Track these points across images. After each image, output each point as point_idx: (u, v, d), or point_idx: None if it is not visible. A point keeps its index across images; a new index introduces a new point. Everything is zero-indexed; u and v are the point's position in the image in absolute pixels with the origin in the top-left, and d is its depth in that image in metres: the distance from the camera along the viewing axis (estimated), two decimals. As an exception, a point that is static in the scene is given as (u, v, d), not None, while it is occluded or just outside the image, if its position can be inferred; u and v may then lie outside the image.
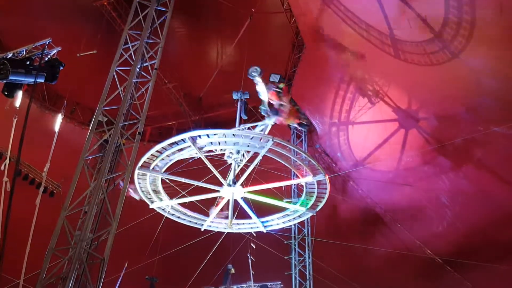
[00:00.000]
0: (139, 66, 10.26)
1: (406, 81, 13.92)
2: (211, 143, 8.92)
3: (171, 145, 8.96)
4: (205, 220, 10.68)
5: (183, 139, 8.66)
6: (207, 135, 8.66)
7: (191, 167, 9.98)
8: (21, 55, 7.75)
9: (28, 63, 7.57)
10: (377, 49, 13.08)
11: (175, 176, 9.68)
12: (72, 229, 8.58)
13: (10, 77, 7.25)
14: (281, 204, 10.42)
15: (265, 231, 11.07)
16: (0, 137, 11.49)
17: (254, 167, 9.35)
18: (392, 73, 14.07)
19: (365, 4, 12.57)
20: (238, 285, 16.03)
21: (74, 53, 13.92)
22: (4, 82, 7.52)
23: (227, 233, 13.14)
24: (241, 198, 9.92)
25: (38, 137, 12.46)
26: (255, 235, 13.95)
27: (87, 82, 15.88)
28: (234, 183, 9.41)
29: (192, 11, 16.66)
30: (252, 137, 8.88)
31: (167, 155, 9.28)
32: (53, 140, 11.22)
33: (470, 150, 13.38)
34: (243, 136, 8.88)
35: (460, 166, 14.02)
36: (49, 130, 14.10)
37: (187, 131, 8.86)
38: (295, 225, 15.38)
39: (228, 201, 9.95)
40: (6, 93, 7.80)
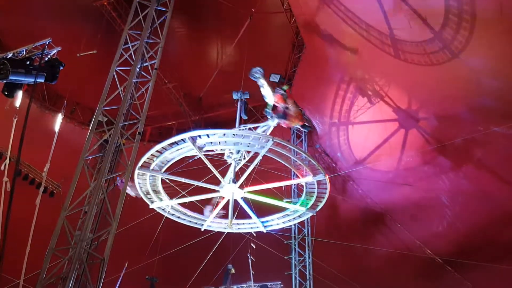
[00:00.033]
0: (139, 66, 10.25)
1: (406, 81, 13.91)
2: (211, 143, 8.93)
3: (171, 145, 8.98)
4: (205, 220, 10.69)
5: (183, 139, 8.68)
6: (207, 135, 8.68)
7: (191, 167, 9.98)
8: (21, 55, 7.74)
9: (28, 63, 7.56)
10: (377, 49, 13.08)
11: (175, 176, 9.69)
12: (72, 229, 8.58)
13: (10, 77, 7.24)
14: (281, 204, 10.43)
15: (265, 231, 11.08)
16: (0, 137, 11.49)
17: (254, 167, 9.36)
18: (392, 73, 14.06)
19: (365, 4, 12.57)
20: (238, 285, 16.02)
21: (74, 53, 13.91)
22: (4, 82, 7.51)
23: (227, 233, 13.15)
24: (241, 198, 9.93)
25: (38, 137, 12.45)
26: (255, 235, 13.95)
27: (87, 82, 15.88)
28: (234, 183, 9.42)
29: (192, 11, 16.65)
30: (252, 137, 8.91)
31: (166, 156, 9.31)
32: (53, 140, 11.21)
33: (470, 150, 13.37)
34: (243, 136, 8.89)
35: (460, 166, 14.01)
36: (49, 130, 14.09)
37: (187, 131, 8.87)
38: (295, 225, 15.38)
39: (223, 199, 9.97)
40: (6, 93, 7.79)
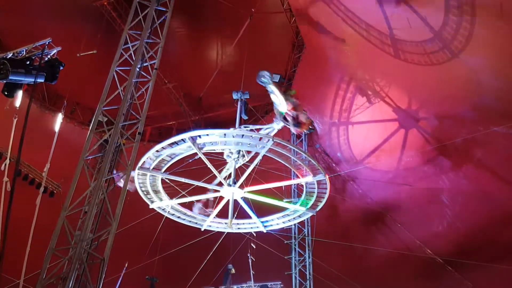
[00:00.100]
0: (139, 66, 10.24)
1: (406, 81, 13.91)
2: (211, 143, 8.94)
3: (171, 145, 8.99)
4: (205, 220, 10.70)
5: (183, 139, 8.68)
6: (207, 135, 8.69)
7: (191, 167, 9.98)
8: (21, 55, 7.74)
9: (28, 63, 7.56)
10: (377, 49, 13.08)
11: (175, 176, 9.69)
12: (72, 229, 8.56)
13: (10, 77, 7.24)
14: (281, 204, 10.43)
15: (265, 231, 11.09)
16: (0, 137, 11.48)
17: (254, 167, 9.37)
18: (392, 73, 14.06)
19: (365, 4, 12.58)
20: (238, 285, 16.01)
21: (74, 53, 13.91)
22: (4, 82, 7.51)
23: (227, 233, 13.14)
24: (241, 198, 9.94)
25: (38, 137, 12.44)
26: (255, 235, 13.94)
27: (87, 82, 15.88)
28: (234, 183, 9.43)
29: (192, 11, 16.65)
30: (252, 137, 8.91)
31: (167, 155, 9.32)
32: (53, 140, 11.20)
33: (470, 150, 13.37)
34: (244, 136, 8.89)
35: (460, 166, 14.01)
36: (49, 130, 14.09)
37: (187, 131, 8.87)
38: (295, 225, 15.37)
39: (215, 198, 9.97)
40: (6, 93, 7.79)
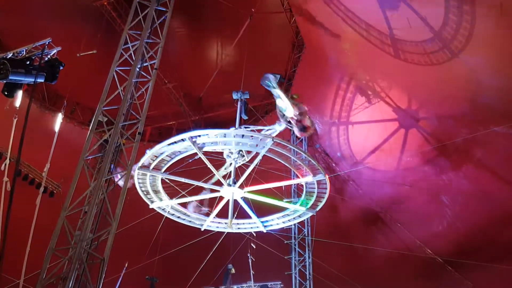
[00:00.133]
0: (139, 66, 10.24)
1: (406, 80, 13.91)
2: (211, 143, 8.93)
3: (171, 145, 8.97)
4: (205, 220, 10.69)
5: (183, 139, 8.68)
6: (207, 135, 8.68)
7: (191, 167, 9.97)
8: (21, 55, 7.74)
9: (28, 63, 7.56)
10: (377, 48, 13.08)
11: (175, 176, 9.68)
12: (72, 229, 8.57)
13: (10, 77, 7.24)
14: (281, 204, 10.42)
15: (265, 231, 11.07)
16: (0, 137, 11.48)
17: (254, 167, 9.36)
18: (392, 73, 14.06)
19: (365, 4, 12.57)
20: (238, 285, 16.00)
21: (74, 53, 13.91)
22: (4, 82, 7.51)
23: (227, 233, 13.13)
24: (241, 198, 9.93)
25: (38, 137, 12.44)
26: (255, 235, 13.94)
27: (87, 82, 15.86)
28: (234, 183, 9.41)
29: (192, 11, 16.65)
30: (252, 137, 8.90)
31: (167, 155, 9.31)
32: (53, 140, 11.20)
33: (470, 150, 13.37)
34: (244, 136, 8.89)
35: (460, 166, 14.01)
36: (49, 130, 14.08)
37: (187, 131, 8.86)
38: (295, 225, 15.37)
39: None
40: (6, 93, 7.79)
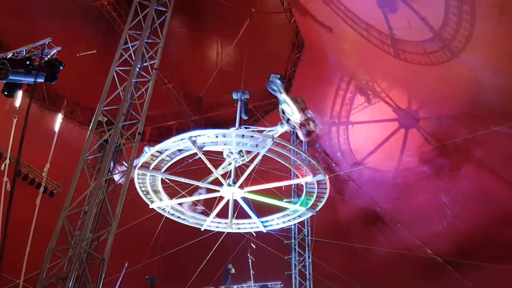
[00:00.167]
0: (139, 66, 10.23)
1: (406, 80, 13.91)
2: (211, 143, 8.93)
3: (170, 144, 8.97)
4: (205, 220, 10.69)
5: (182, 139, 8.68)
6: (207, 136, 8.69)
7: (191, 167, 9.97)
8: (21, 55, 7.74)
9: (28, 63, 7.56)
10: (377, 48, 13.08)
11: (175, 176, 9.68)
12: (72, 229, 8.56)
13: (10, 77, 7.23)
14: (281, 204, 10.42)
15: (265, 231, 11.07)
16: (0, 137, 11.48)
17: (254, 167, 9.36)
18: (392, 73, 14.06)
19: (365, 4, 12.57)
20: (238, 285, 16.01)
21: (74, 53, 13.90)
22: (4, 82, 7.51)
23: (227, 233, 13.13)
24: (241, 198, 9.93)
25: (38, 137, 12.44)
26: (255, 235, 13.94)
27: (87, 82, 15.86)
28: (234, 183, 9.41)
29: (192, 11, 16.64)
30: (252, 137, 8.91)
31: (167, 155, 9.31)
32: (53, 140, 11.20)
33: (470, 150, 13.37)
34: (244, 136, 8.89)
35: (460, 166, 14.01)
36: (49, 130, 14.08)
37: (187, 131, 8.87)
38: (295, 225, 15.36)
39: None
40: (6, 93, 7.78)
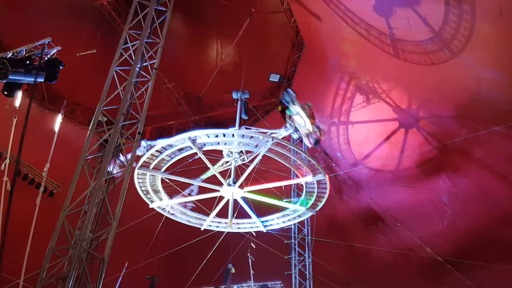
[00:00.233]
0: (139, 66, 10.22)
1: (406, 80, 13.91)
2: (211, 142, 8.94)
3: (170, 145, 8.99)
4: (205, 220, 10.70)
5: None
6: (207, 135, 8.70)
7: (190, 167, 9.98)
8: (21, 54, 7.72)
9: (28, 62, 7.55)
10: (377, 48, 13.07)
11: (175, 176, 9.69)
12: (72, 229, 8.56)
13: (10, 77, 7.22)
14: (281, 203, 10.44)
15: (265, 231, 11.09)
16: (0, 137, 11.47)
17: (254, 167, 9.37)
18: (392, 73, 14.06)
19: (365, 4, 12.57)
20: (239, 284, 16.02)
21: (74, 52, 13.89)
22: (4, 81, 7.50)
23: (227, 232, 13.14)
24: (241, 198, 9.94)
25: (38, 137, 12.43)
26: (255, 234, 13.95)
27: (87, 82, 15.86)
28: (234, 182, 9.43)
29: (192, 11, 16.64)
30: (252, 138, 8.91)
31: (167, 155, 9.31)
32: (53, 140, 11.20)
33: (470, 149, 13.36)
34: (244, 135, 8.90)
35: (460, 166, 14.01)
36: (49, 130, 14.07)
37: (187, 131, 8.88)
38: (295, 224, 15.37)
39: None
40: (6, 92, 7.77)
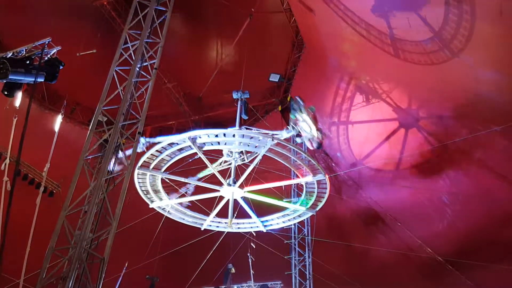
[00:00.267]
0: (139, 66, 10.23)
1: (406, 80, 13.90)
2: (211, 143, 8.94)
3: (170, 144, 8.99)
4: (205, 220, 10.70)
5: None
6: (207, 135, 8.70)
7: (190, 167, 9.98)
8: (21, 54, 7.71)
9: (28, 62, 7.55)
10: (376, 48, 13.07)
11: (175, 175, 9.69)
12: (72, 228, 8.56)
13: (10, 77, 7.22)
14: (281, 203, 10.44)
15: (265, 231, 11.09)
16: (0, 137, 11.47)
17: (254, 167, 9.37)
18: (392, 73, 14.05)
19: (364, 3, 12.56)
20: (239, 284, 16.03)
21: (74, 52, 13.88)
22: (4, 81, 7.50)
23: (227, 232, 13.14)
24: (241, 198, 9.94)
25: (38, 137, 12.43)
26: (255, 234, 13.95)
27: (87, 82, 15.85)
28: (234, 182, 9.43)
29: (192, 11, 16.64)
30: (252, 138, 8.91)
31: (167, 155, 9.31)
32: (53, 140, 11.20)
33: (470, 149, 13.36)
34: (244, 135, 8.90)
35: (460, 166, 14.00)
36: (49, 130, 14.07)
37: (187, 131, 8.88)
38: (295, 224, 15.37)
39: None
40: (6, 92, 7.77)
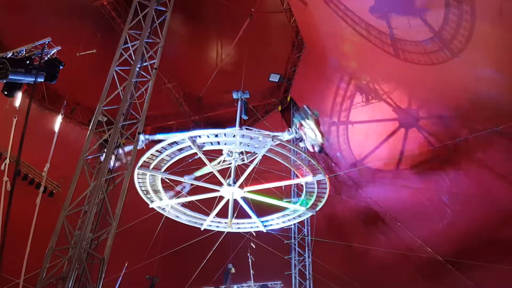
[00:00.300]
0: (139, 66, 10.23)
1: (406, 80, 13.91)
2: (211, 143, 8.94)
3: (171, 144, 8.99)
4: (205, 220, 10.70)
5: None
6: (207, 135, 8.70)
7: (190, 167, 9.98)
8: (21, 54, 7.71)
9: (28, 62, 7.55)
10: (377, 48, 13.07)
11: (175, 175, 9.69)
12: (72, 228, 8.56)
13: (10, 77, 7.21)
14: (281, 203, 10.44)
15: (265, 231, 11.10)
16: (0, 137, 11.47)
17: (254, 167, 9.37)
18: (392, 73, 14.05)
19: (364, 3, 12.56)
20: (239, 284, 16.03)
21: (74, 52, 13.88)
22: (4, 81, 7.50)
23: (227, 232, 13.14)
24: (241, 198, 9.94)
25: (38, 137, 12.43)
26: (255, 234, 13.95)
27: (87, 82, 15.85)
28: (234, 182, 9.43)
29: (192, 11, 16.64)
30: (252, 138, 8.91)
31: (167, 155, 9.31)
32: (53, 140, 11.20)
33: (470, 149, 13.36)
34: (244, 135, 8.90)
35: (460, 166, 14.01)
36: (49, 130, 14.08)
37: (187, 131, 8.88)
38: (295, 224, 15.38)
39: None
40: (6, 92, 7.77)
